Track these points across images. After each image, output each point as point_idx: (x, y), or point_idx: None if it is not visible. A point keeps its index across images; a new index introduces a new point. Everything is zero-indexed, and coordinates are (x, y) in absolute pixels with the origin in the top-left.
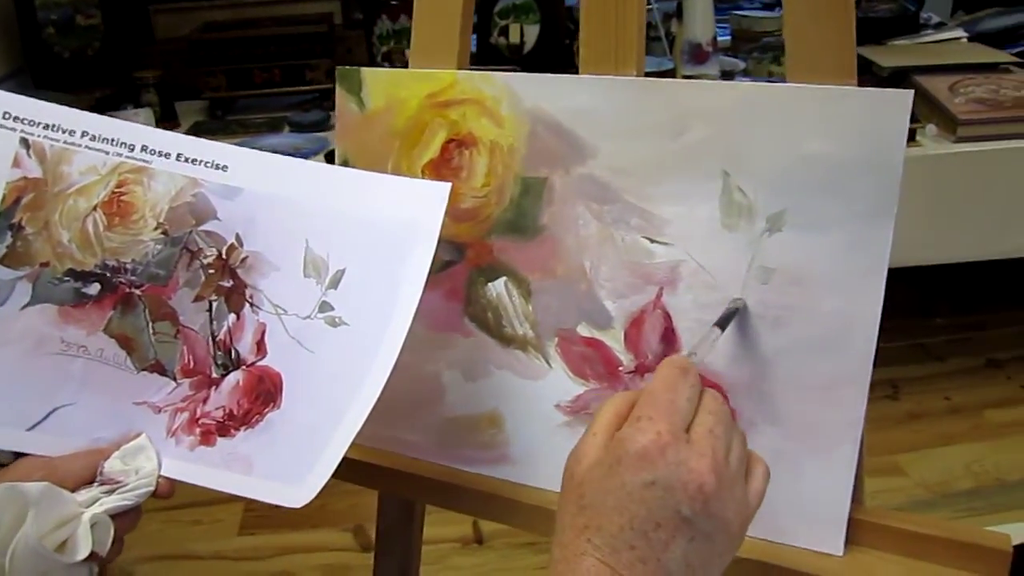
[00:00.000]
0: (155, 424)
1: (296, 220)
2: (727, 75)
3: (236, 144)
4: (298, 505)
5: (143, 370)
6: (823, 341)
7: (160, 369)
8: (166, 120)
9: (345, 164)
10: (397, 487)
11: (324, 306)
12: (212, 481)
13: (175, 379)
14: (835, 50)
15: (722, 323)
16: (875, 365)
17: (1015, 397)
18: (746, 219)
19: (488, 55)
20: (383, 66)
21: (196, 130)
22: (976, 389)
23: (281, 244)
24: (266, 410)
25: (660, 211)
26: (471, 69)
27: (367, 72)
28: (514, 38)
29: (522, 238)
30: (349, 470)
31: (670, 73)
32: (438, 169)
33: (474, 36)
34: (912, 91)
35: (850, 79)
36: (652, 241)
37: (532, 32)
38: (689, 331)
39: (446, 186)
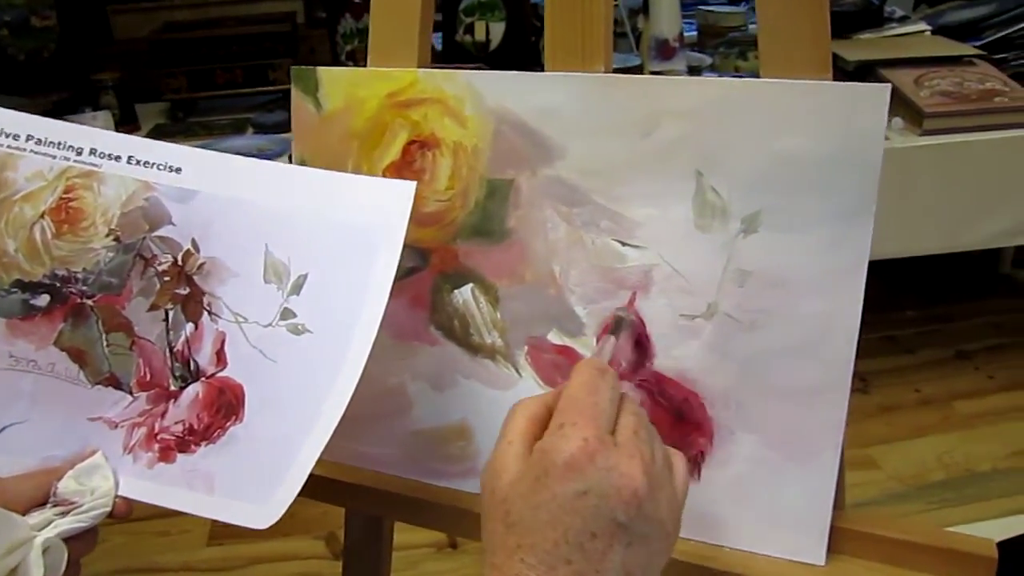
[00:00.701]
0: (111, 440)
1: (255, 223)
2: (694, 71)
3: (199, 146)
4: (264, 526)
5: (97, 384)
6: (802, 345)
7: (115, 383)
8: (126, 123)
9: None
10: (364, 504)
11: (286, 313)
12: (172, 501)
13: (131, 393)
14: (810, 44)
15: (615, 331)
16: None
17: (984, 388)
18: (720, 220)
19: (454, 53)
20: (347, 65)
21: (157, 132)
22: (945, 380)
23: (240, 249)
24: (228, 424)
25: (631, 213)
26: (433, 67)
27: (323, 71)
28: (480, 35)
29: (488, 242)
30: (313, 487)
31: (637, 69)
32: (400, 172)
33: (440, 34)
34: (889, 85)
35: (825, 73)
36: (623, 244)
37: (498, 30)
38: (664, 337)
39: (411, 185)
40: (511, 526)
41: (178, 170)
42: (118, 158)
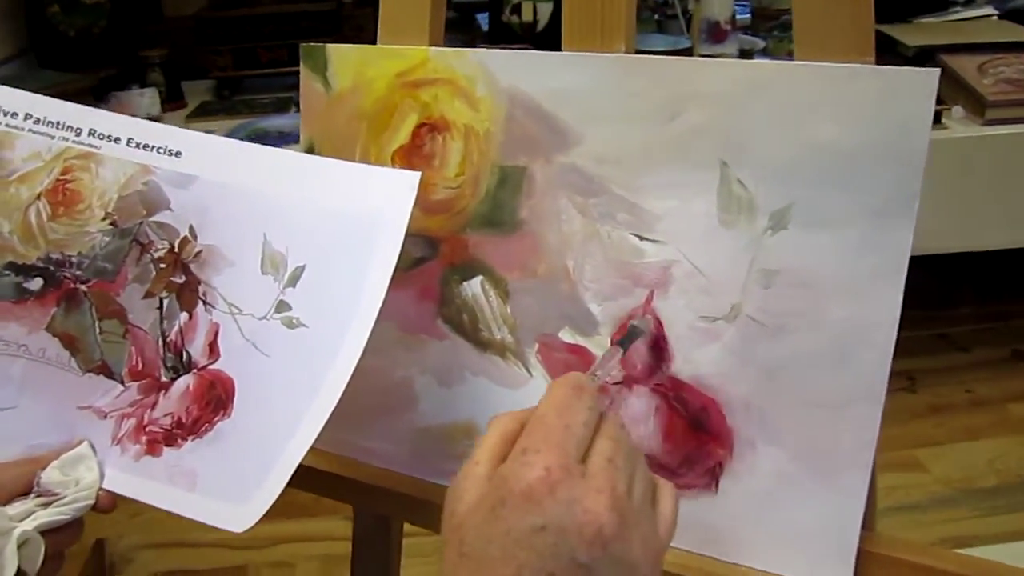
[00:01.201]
0: (100, 430)
1: (254, 211)
2: (745, 54)
3: (241, 125)
4: (240, 530)
5: (88, 372)
6: (832, 353)
7: (107, 371)
8: (172, 100)
9: (310, 151)
10: (370, 502)
11: (282, 306)
12: (153, 497)
13: (122, 382)
14: (850, 23)
15: (624, 343)
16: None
17: None
18: (746, 215)
19: (500, 34)
20: None
21: (202, 111)
22: (999, 381)
23: (237, 237)
24: (216, 418)
25: (651, 205)
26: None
27: (333, 49)
28: (527, 16)
29: (499, 233)
30: (319, 483)
31: (687, 52)
32: (409, 156)
33: (486, 14)
34: (938, 70)
35: (867, 57)
36: (642, 239)
37: (545, 10)
38: (682, 339)
39: (415, 175)
40: (463, 556)
41: (178, 154)
42: (117, 140)
